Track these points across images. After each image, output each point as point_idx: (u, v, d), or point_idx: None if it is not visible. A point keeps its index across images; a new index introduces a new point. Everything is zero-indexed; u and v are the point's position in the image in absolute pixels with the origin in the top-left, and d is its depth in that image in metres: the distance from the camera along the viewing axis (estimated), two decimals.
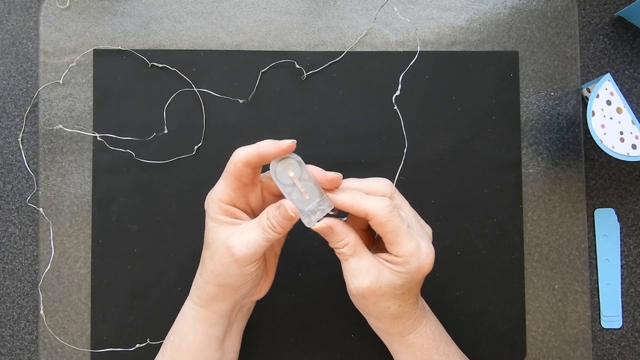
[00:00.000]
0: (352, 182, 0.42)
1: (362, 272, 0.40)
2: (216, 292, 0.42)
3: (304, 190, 0.40)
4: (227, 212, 0.41)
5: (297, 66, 0.53)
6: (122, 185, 0.53)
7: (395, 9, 0.54)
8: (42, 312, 0.52)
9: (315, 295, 0.53)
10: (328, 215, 0.40)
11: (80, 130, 0.53)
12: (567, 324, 0.53)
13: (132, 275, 0.53)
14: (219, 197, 0.41)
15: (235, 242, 0.40)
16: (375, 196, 0.40)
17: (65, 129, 0.53)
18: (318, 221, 0.40)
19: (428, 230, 0.43)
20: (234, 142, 0.53)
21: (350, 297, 0.42)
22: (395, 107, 0.53)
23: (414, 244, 0.39)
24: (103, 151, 0.53)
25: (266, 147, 0.39)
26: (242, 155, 0.39)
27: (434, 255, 0.40)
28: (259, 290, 0.45)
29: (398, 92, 0.53)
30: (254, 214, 0.43)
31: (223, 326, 0.44)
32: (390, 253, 0.40)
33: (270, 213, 0.40)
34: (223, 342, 0.45)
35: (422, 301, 0.45)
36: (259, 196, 0.43)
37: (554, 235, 0.54)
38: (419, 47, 0.54)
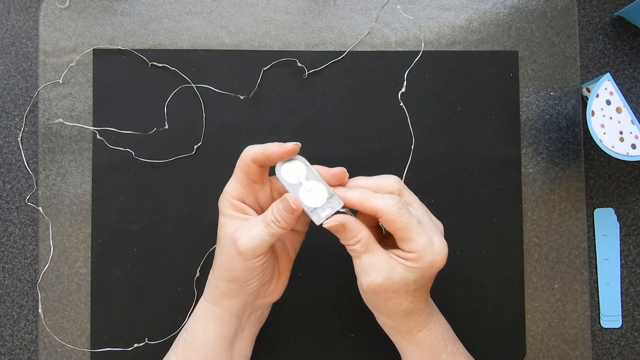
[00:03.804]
0: (360, 180, 0.42)
1: (374, 269, 0.40)
2: (225, 288, 0.42)
3: (311, 189, 0.40)
4: (236, 208, 0.42)
5: (299, 64, 0.53)
6: (122, 185, 0.53)
7: (399, 7, 0.54)
8: (40, 310, 0.52)
9: (315, 295, 0.53)
10: (338, 212, 0.40)
11: (81, 125, 0.53)
12: (566, 324, 0.54)
13: (131, 275, 0.53)
14: (229, 193, 0.42)
15: (240, 235, 0.40)
16: (383, 194, 0.40)
17: (66, 122, 0.53)
18: (328, 218, 0.40)
19: (440, 225, 0.43)
20: (234, 141, 0.53)
21: (362, 293, 0.43)
22: (402, 104, 0.53)
23: (426, 239, 0.39)
24: (103, 151, 0.53)
25: (271, 148, 0.40)
26: (250, 152, 0.41)
27: (447, 250, 0.40)
28: (271, 292, 0.45)
29: (404, 89, 0.53)
30: (263, 212, 0.44)
31: (234, 326, 0.44)
32: (402, 249, 0.40)
33: (275, 207, 0.40)
34: (233, 343, 0.45)
35: (430, 299, 0.45)
36: (268, 195, 0.44)
37: (553, 234, 0.54)
38: (422, 45, 0.54)
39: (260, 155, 0.40)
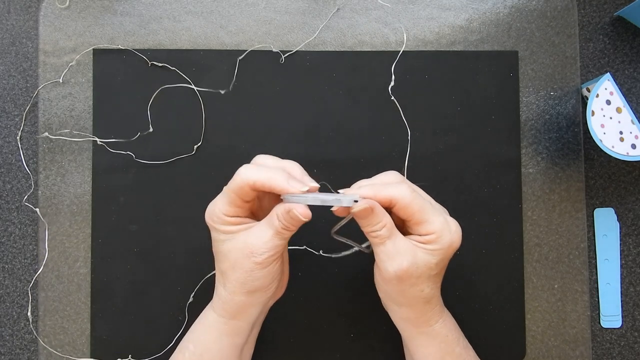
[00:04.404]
0: (363, 182, 0.42)
1: (400, 254, 0.40)
2: (246, 300, 0.42)
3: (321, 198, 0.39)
4: (233, 223, 0.41)
5: (281, 56, 0.53)
6: (122, 185, 0.53)
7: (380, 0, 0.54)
8: (29, 313, 0.52)
9: (315, 295, 0.53)
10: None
11: (78, 132, 0.53)
12: (566, 324, 0.54)
13: (132, 275, 0.53)
14: (223, 212, 0.41)
15: (253, 247, 0.40)
16: (393, 184, 0.40)
17: (51, 136, 0.53)
18: (355, 201, 0.39)
19: (444, 208, 0.44)
20: (234, 141, 0.53)
21: (384, 284, 0.42)
22: (393, 98, 0.53)
23: (442, 219, 0.40)
24: (103, 151, 0.53)
25: (278, 182, 0.38)
26: (250, 180, 0.39)
27: (460, 228, 0.41)
28: (280, 288, 0.46)
29: (392, 83, 0.53)
30: (256, 217, 0.44)
31: (247, 333, 0.45)
32: (419, 234, 0.40)
33: (281, 215, 0.39)
34: (243, 349, 0.45)
35: None
36: (258, 204, 0.44)
37: (553, 234, 0.54)
38: (405, 35, 0.54)
39: (262, 187, 0.39)
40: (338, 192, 0.41)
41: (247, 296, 0.42)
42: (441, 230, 0.40)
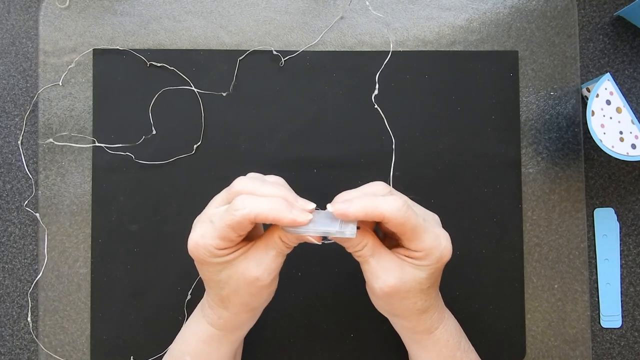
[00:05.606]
0: (347, 194, 0.40)
1: (385, 270, 0.39)
2: (248, 316, 0.43)
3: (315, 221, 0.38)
4: (227, 253, 0.39)
5: (283, 57, 0.53)
6: (122, 185, 0.53)
7: (367, 3, 0.54)
8: (29, 319, 0.52)
9: (315, 295, 0.53)
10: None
11: (78, 132, 0.53)
12: (566, 324, 0.54)
13: (132, 275, 0.53)
14: (214, 246, 0.38)
15: (256, 272, 0.39)
16: (385, 197, 0.38)
17: (56, 142, 0.53)
18: (358, 228, 0.38)
19: (436, 217, 0.42)
20: (233, 141, 0.53)
21: (375, 300, 0.42)
22: (376, 106, 0.53)
23: (433, 235, 0.39)
24: (102, 151, 0.53)
25: (285, 217, 0.36)
26: (252, 214, 0.36)
27: (450, 241, 0.40)
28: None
29: (376, 92, 0.53)
30: (241, 240, 0.41)
31: (242, 338, 0.45)
32: (408, 248, 0.39)
33: (287, 240, 0.39)
34: (236, 351, 0.46)
35: (438, 292, 0.45)
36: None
37: (553, 234, 0.54)
38: (391, 46, 0.54)
39: (265, 220, 0.36)
40: (331, 207, 0.39)
41: (251, 312, 0.42)
42: (430, 248, 0.38)
